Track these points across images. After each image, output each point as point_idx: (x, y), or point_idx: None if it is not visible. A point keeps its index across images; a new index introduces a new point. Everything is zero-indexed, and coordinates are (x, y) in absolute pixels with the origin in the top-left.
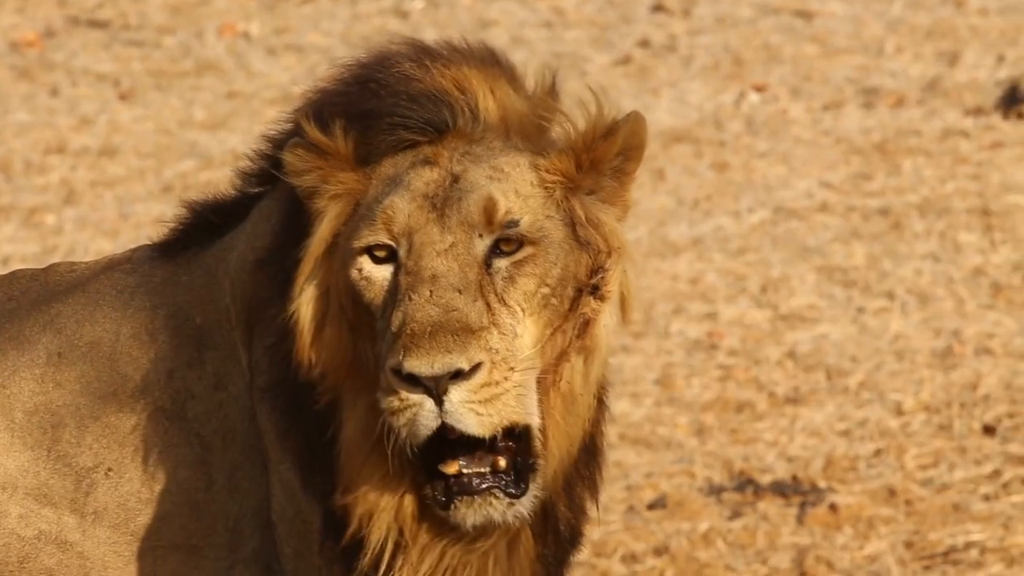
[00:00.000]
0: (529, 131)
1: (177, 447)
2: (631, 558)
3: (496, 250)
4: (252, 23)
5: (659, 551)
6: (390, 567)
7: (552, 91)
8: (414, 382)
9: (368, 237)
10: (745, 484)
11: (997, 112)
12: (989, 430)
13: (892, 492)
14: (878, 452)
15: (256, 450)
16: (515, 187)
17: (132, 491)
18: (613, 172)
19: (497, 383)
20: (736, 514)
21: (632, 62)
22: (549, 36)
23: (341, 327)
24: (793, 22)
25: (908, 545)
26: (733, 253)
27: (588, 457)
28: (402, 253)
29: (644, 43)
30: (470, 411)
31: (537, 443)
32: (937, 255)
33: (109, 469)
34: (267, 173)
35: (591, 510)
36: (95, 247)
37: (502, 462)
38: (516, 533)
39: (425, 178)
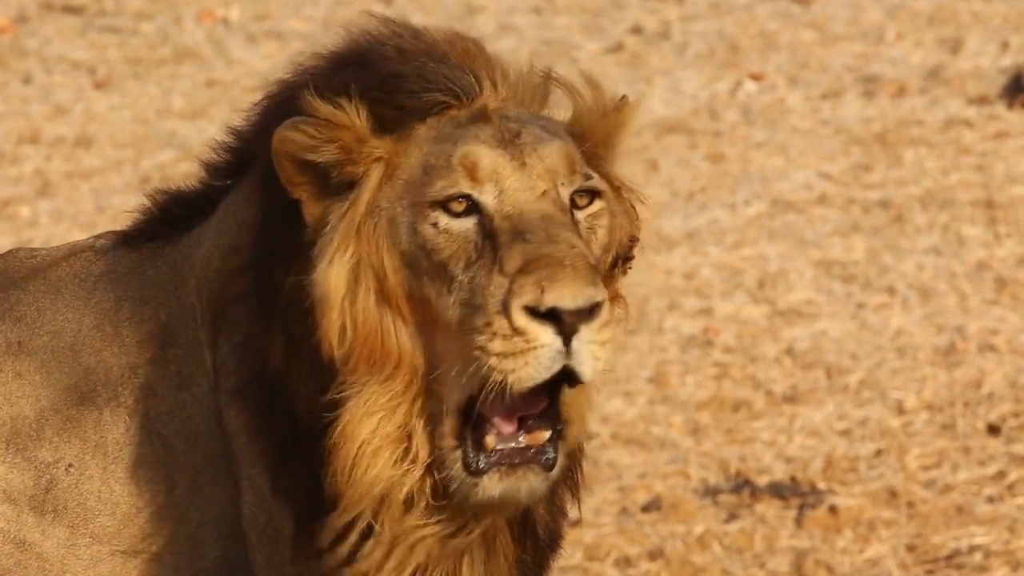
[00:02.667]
0: (541, 101)
1: (138, 446)
2: (624, 562)
3: (572, 203)
4: (232, 9)
5: (653, 555)
6: (365, 555)
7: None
8: (551, 318)
9: (448, 189)
10: (742, 485)
11: (1001, 101)
12: (993, 429)
13: (893, 494)
14: (879, 452)
15: (221, 455)
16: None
17: (92, 490)
18: (608, 157)
19: (608, 326)
20: (733, 516)
21: (624, 49)
22: (538, 22)
23: (370, 300)
24: (790, 8)
25: (910, 548)
26: (729, 247)
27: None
28: (489, 200)
29: (636, 30)
30: (591, 354)
31: (565, 408)
32: (940, 249)
33: (70, 465)
34: (233, 167)
35: (571, 510)
36: (71, 240)
37: (545, 435)
38: (494, 535)
39: (488, 132)
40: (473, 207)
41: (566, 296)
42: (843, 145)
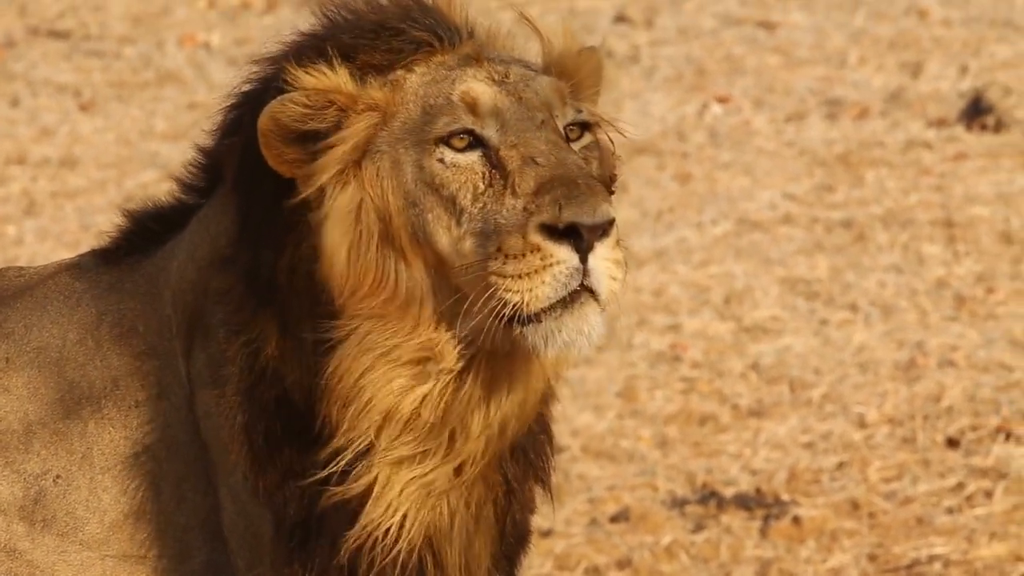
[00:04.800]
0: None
1: (123, 455)
2: (594, 571)
3: (565, 136)
4: (213, 34)
5: (622, 564)
6: (359, 475)
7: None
8: (569, 235)
9: (451, 124)
10: (708, 497)
11: (960, 123)
12: (952, 443)
13: (855, 505)
14: (841, 465)
15: (200, 462)
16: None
17: (80, 499)
18: (589, 96)
19: (619, 246)
20: (699, 527)
21: None
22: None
23: (373, 245)
24: (756, 33)
25: (872, 558)
26: (696, 265)
27: (539, 444)
28: (492, 133)
29: (607, 54)
30: (606, 272)
31: None
32: (900, 267)
33: (57, 476)
34: (203, 183)
35: (543, 503)
36: (56, 258)
37: None
38: (480, 503)
39: (482, 72)
40: (476, 142)
41: (584, 212)
42: (807, 166)
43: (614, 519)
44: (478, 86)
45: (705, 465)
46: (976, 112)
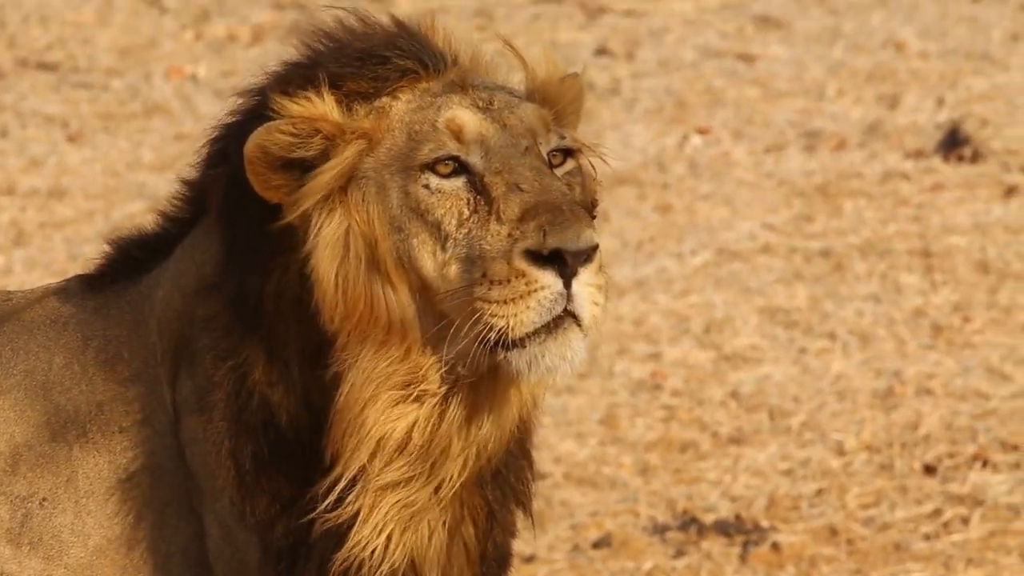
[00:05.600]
0: (495, 73)
1: (107, 480)
2: None
3: (548, 163)
4: (199, 66)
5: None
6: (351, 501)
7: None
8: (553, 261)
9: (437, 151)
10: (689, 523)
11: (937, 155)
12: (930, 470)
13: (834, 531)
14: (820, 491)
15: (183, 489)
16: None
17: (65, 523)
18: (571, 122)
19: (602, 272)
20: (680, 553)
21: None
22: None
23: (360, 269)
24: (735, 66)
25: None
26: (677, 294)
27: (519, 469)
28: (477, 160)
29: (588, 86)
30: (589, 297)
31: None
32: (878, 296)
33: (43, 499)
34: (187, 214)
35: (524, 528)
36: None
37: None
38: (458, 521)
39: (467, 99)
40: (461, 168)
41: (569, 238)
42: (786, 197)
43: (596, 545)
44: (463, 113)
45: (686, 492)
46: (953, 143)
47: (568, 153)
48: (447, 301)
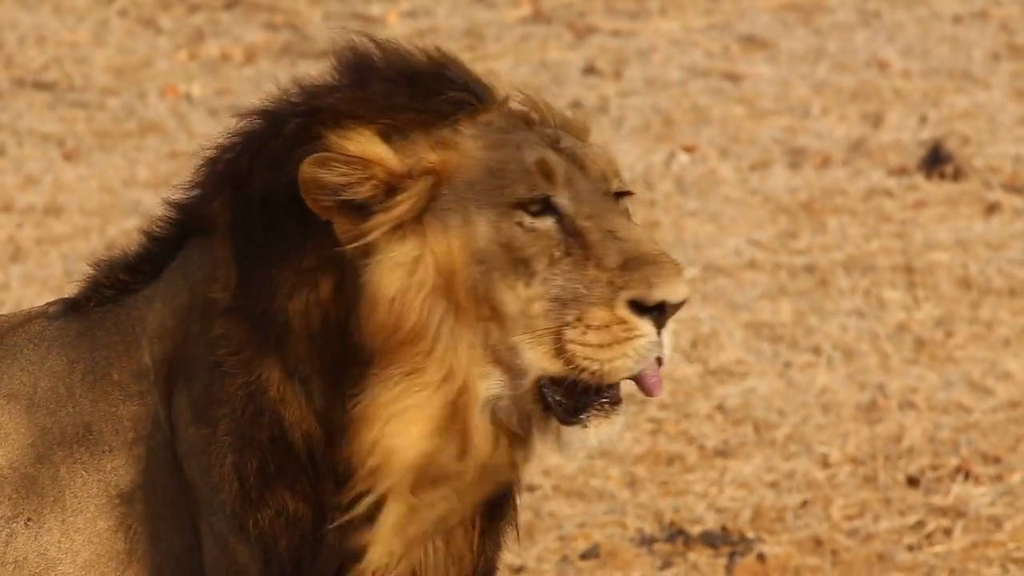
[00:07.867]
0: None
1: (96, 498)
2: None
3: None
4: (194, 85)
5: None
6: (374, 524)
7: None
8: (654, 311)
9: (532, 191)
10: (676, 535)
11: (920, 172)
12: (913, 482)
13: (819, 542)
14: (805, 503)
15: (178, 502)
16: None
17: (52, 541)
18: None
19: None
20: (667, 564)
21: None
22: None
23: (422, 294)
24: (721, 84)
25: None
26: None
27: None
28: (565, 202)
29: (576, 104)
30: (671, 343)
31: None
32: (862, 311)
33: (28, 519)
34: (176, 235)
35: (510, 552)
36: (42, 303)
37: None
38: (455, 540)
39: (542, 138)
40: (549, 208)
41: (673, 292)
42: (771, 214)
43: (584, 556)
44: (551, 156)
45: (673, 504)
46: (935, 161)
47: (625, 195)
48: (527, 338)
